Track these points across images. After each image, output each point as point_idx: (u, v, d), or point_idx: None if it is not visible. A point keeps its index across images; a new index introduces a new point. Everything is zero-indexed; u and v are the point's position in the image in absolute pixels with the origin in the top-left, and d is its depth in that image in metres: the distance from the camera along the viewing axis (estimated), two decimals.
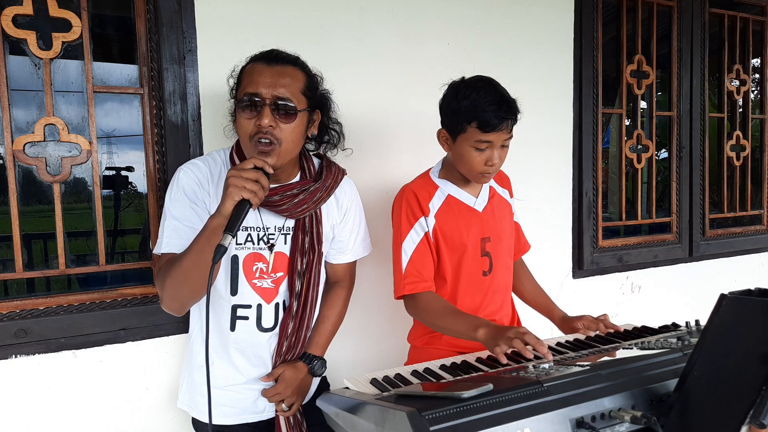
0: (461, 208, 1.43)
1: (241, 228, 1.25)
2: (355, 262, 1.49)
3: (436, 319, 1.33)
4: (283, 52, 1.23)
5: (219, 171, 1.27)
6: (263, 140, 1.15)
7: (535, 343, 1.07)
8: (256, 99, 1.15)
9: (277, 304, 1.29)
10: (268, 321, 1.29)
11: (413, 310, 1.39)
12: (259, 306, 1.28)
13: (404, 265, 1.38)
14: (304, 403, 1.36)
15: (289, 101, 1.16)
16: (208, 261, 1.01)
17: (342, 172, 1.39)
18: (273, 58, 1.20)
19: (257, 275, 1.27)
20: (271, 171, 1.10)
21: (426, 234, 1.39)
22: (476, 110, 1.28)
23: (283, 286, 1.30)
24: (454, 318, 1.29)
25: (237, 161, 1.26)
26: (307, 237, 1.30)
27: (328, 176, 1.34)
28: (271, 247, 1.28)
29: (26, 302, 1.43)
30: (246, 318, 1.28)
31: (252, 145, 1.17)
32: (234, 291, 1.26)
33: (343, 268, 1.47)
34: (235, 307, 1.27)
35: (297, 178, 1.32)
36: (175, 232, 1.19)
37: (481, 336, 1.18)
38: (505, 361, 1.09)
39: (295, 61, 1.23)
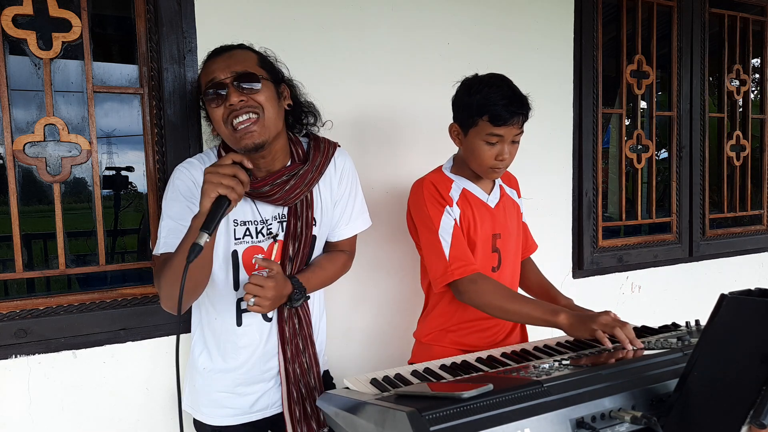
0: (476, 202, 1.44)
1: (238, 223, 1.26)
2: (354, 237, 1.45)
3: (503, 302, 1.29)
4: (228, 44, 1.25)
5: None
6: (241, 117, 1.14)
7: (634, 338, 1.08)
8: (217, 84, 1.16)
9: None
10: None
11: (467, 295, 1.33)
12: None
13: (447, 251, 1.34)
14: (305, 398, 1.33)
15: (247, 72, 1.17)
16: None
17: (333, 146, 1.36)
18: (221, 50, 1.24)
19: (256, 267, 1.26)
20: (249, 165, 1.08)
21: (455, 221, 1.38)
22: (488, 104, 1.30)
23: None
24: (526, 303, 1.30)
25: (224, 155, 1.24)
26: (299, 222, 1.29)
27: (317, 155, 1.31)
28: (274, 238, 1.27)
29: (26, 302, 1.43)
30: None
31: (229, 131, 1.17)
32: (236, 285, 1.27)
33: (342, 244, 1.43)
34: (239, 301, 1.27)
35: (288, 165, 1.30)
36: (171, 233, 1.18)
37: (563, 320, 1.20)
38: (610, 345, 1.10)
39: (241, 45, 1.25)
